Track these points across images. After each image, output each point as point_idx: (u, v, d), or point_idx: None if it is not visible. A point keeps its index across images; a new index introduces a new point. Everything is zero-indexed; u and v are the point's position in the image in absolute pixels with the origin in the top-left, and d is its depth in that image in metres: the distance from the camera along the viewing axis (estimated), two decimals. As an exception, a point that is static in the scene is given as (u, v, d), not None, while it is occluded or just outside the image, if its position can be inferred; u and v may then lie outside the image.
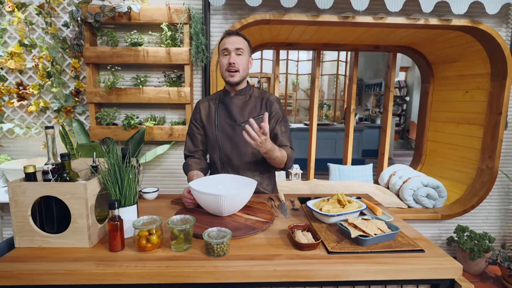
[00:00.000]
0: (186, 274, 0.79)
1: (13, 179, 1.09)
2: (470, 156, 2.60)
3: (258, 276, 0.80)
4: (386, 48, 2.96)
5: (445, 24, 2.19)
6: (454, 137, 2.77)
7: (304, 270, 0.81)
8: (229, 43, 1.33)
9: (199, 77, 2.24)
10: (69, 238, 0.88)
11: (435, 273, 0.83)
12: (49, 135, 0.97)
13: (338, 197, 1.11)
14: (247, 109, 1.37)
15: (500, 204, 2.49)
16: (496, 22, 2.24)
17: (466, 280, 0.83)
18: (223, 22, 2.19)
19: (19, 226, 0.87)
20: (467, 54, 2.53)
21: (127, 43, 2.12)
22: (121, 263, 0.81)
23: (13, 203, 0.86)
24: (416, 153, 3.25)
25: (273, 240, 0.96)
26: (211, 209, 1.07)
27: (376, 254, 0.87)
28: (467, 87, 2.63)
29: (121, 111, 2.28)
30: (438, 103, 2.97)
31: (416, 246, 0.90)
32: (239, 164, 1.37)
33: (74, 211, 0.87)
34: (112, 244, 0.86)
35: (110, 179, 0.92)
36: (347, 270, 0.81)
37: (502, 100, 2.29)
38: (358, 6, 2.03)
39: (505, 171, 2.43)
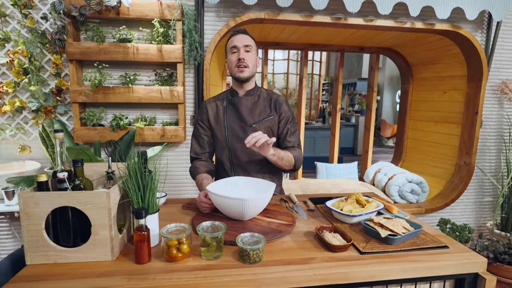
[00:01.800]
0: (225, 283, 0.75)
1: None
2: (448, 153, 2.76)
3: (299, 281, 0.78)
4: (370, 49, 3.06)
5: (429, 28, 2.30)
6: (433, 135, 2.93)
7: (342, 272, 0.80)
8: (237, 40, 1.31)
9: (191, 76, 2.17)
10: (90, 252, 0.81)
11: (462, 268, 0.87)
12: (57, 139, 0.88)
13: (356, 197, 1.12)
14: (257, 110, 1.34)
15: (476, 197, 2.68)
16: (473, 28, 2.40)
17: (488, 274, 0.88)
18: (216, 19, 2.14)
19: (32, 241, 0.79)
20: (445, 57, 2.68)
21: (115, 39, 2.00)
22: (154, 276, 0.76)
23: (24, 216, 0.77)
24: (397, 151, 3.40)
25: (301, 243, 0.95)
26: (233, 213, 1.04)
27: (406, 253, 0.89)
28: (445, 88, 2.79)
29: (108, 111, 2.15)
30: (417, 102, 3.13)
31: (440, 243, 0.94)
32: (249, 165, 1.34)
33: (95, 222, 0.80)
34: (139, 256, 0.81)
35: (132, 186, 0.86)
36: (382, 270, 0.83)
37: (478, 101, 2.45)
38: (351, 8, 2.07)
39: (480, 166, 2.61)
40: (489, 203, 2.70)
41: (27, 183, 1.69)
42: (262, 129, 1.33)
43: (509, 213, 2.47)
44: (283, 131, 1.36)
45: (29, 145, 2.09)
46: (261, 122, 1.33)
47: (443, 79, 2.79)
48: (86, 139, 2.05)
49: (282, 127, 1.36)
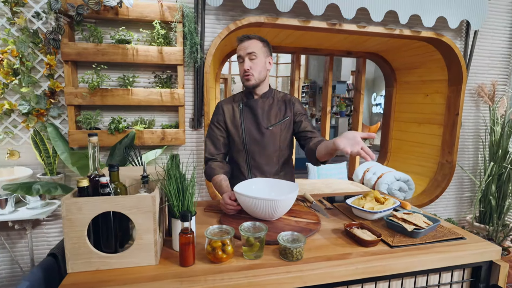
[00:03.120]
0: (274, 281, 0.78)
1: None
2: (431, 152, 2.94)
3: (341, 275, 0.82)
4: (357, 54, 3.19)
5: (415, 35, 2.45)
6: (417, 135, 3.11)
7: (380, 265, 0.85)
8: (241, 49, 1.32)
9: (190, 78, 2.16)
10: (133, 257, 0.80)
11: (480, 257, 0.95)
12: (91, 144, 0.86)
13: (375, 195, 1.19)
14: (273, 112, 1.38)
15: (457, 193, 2.88)
16: (453, 35, 2.58)
17: (502, 261, 0.97)
18: (215, 22, 2.15)
19: (74, 248, 0.76)
20: (428, 62, 2.86)
21: (114, 40, 1.95)
22: (204, 277, 0.76)
23: (67, 223, 0.75)
24: (382, 150, 3.56)
25: (332, 239, 0.99)
26: (262, 214, 1.06)
27: (430, 245, 0.96)
28: (427, 91, 2.97)
29: (104, 114, 2.08)
30: (401, 105, 3.30)
31: (458, 234, 1.02)
32: (267, 167, 1.37)
33: (140, 226, 0.79)
34: (185, 258, 0.81)
35: (173, 189, 0.85)
36: (413, 262, 0.89)
37: (458, 103, 2.64)
38: (347, 15, 2.16)
39: (460, 164, 2.81)
40: (468, 198, 2.91)
41: (24, 190, 1.61)
42: (277, 131, 1.36)
43: (486, 206, 2.68)
44: (300, 126, 1.37)
45: (18, 150, 1.98)
46: (278, 124, 1.36)
47: (425, 83, 2.98)
48: (82, 143, 1.98)
49: (298, 123, 1.37)
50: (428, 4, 2.26)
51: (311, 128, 1.39)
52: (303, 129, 1.38)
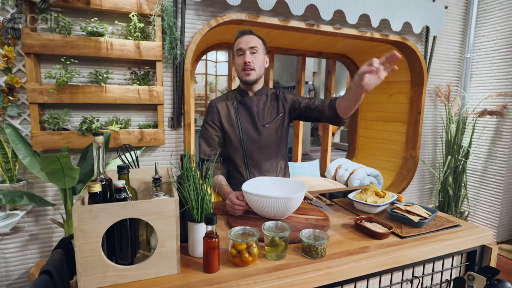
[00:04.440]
0: (306, 280, 0.76)
1: None
2: (396, 148, 3.15)
3: (366, 269, 0.84)
4: (327, 55, 3.30)
5: (384, 38, 2.61)
6: (382, 133, 3.31)
7: (397, 256, 0.89)
8: (243, 42, 1.31)
9: (169, 75, 2.05)
10: (154, 267, 0.73)
11: (475, 242, 1.03)
12: (96, 144, 0.77)
13: (374, 190, 1.23)
14: (267, 110, 1.36)
15: (419, 185, 3.12)
16: (415, 40, 2.79)
17: (492, 244, 1.06)
18: (195, 18, 2.07)
19: (86, 262, 0.67)
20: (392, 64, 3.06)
21: (85, 32, 1.78)
22: (236, 283, 0.72)
23: (79, 234, 0.66)
24: (350, 148, 3.74)
25: (346, 234, 1.01)
26: (274, 212, 1.03)
27: (434, 233, 1.02)
28: (391, 91, 3.18)
29: (72, 113, 1.89)
30: (367, 104, 3.49)
31: (454, 222, 1.10)
32: (265, 165, 1.35)
33: (161, 233, 0.72)
34: (210, 264, 0.76)
35: (193, 192, 0.80)
36: (425, 250, 0.93)
37: (420, 102, 2.87)
38: (325, 16, 2.23)
39: (422, 159, 3.05)
40: (429, 189, 3.17)
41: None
42: (273, 128, 1.35)
43: (445, 196, 2.94)
44: (301, 105, 1.35)
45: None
46: (273, 121, 1.35)
47: (390, 84, 3.18)
48: (48, 145, 1.77)
49: (297, 105, 1.35)
50: (396, 9, 2.42)
51: (309, 99, 1.35)
52: (302, 107, 1.33)
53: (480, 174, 2.96)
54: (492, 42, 2.82)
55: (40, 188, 1.88)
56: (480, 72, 2.92)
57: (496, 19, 2.77)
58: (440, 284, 1.04)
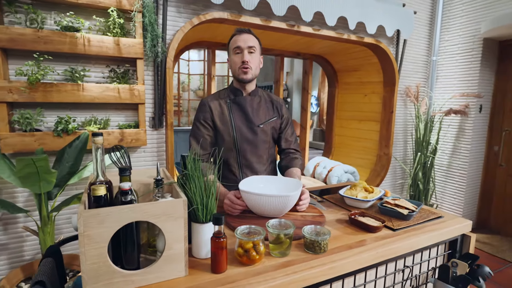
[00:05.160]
0: (313, 275, 0.78)
1: None
2: (370, 146, 3.30)
3: (366, 261, 0.87)
4: (305, 56, 3.38)
5: (360, 40, 2.71)
6: (357, 131, 3.44)
7: (395, 247, 0.94)
8: (241, 40, 1.30)
9: (150, 73, 1.99)
10: (161, 270, 0.71)
11: (457, 231, 1.12)
12: (95, 146, 0.74)
13: (363, 186, 1.28)
14: (261, 111, 1.37)
15: (392, 181, 3.29)
16: (387, 43, 2.94)
17: (471, 233, 1.15)
18: (176, 15, 2.03)
19: (92, 269, 0.64)
20: (366, 65, 3.20)
21: (59, 27, 1.67)
22: (248, 281, 0.72)
23: (85, 240, 0.62)
24: (327, 146, 3.85)
25: (342, 229, 1.04)
26: (272, 211, 1.05)
27: (421, 225, 1.09)
28: (365, 92, 3.32)
29: (46, 113, 1.77)
30: (342, 104, 3.62)
31: (437, 214, 1.18)
32: (257, 165, 1.35)
33: (169, 235, 0.70)
34: (218, 264, 0.75)
35: (199, 193, 0.78)
36: (417, 241, 0.99)
37: (392, 102, 3.02)
38: (306, 18, 2.28)
39: (394, 155, 3.22)
40: (400, 184, 3.35)
41: None
42: (268, 129, 1.36)
43: (415, 190, 3.13)
44: (285, 133, 1.42)
45: None
46: (267, 122, 1.36)
47: (364, 84, 3.32)
48: (19, 147, 1.65)
49: (283, 128, 1.42)
50: (371, 13, 2.53)
51: (290, 136, 1.46)
52: (283, 134, 1.46)
53: (446, 169, 3.18)
54: (455, 46, 3.04)
55: (8, 194, 1.75)
56: (445, 74, 3.14)
57: (459, 25, 2.99)
58: (427, 272, 1.11)
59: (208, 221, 0.80)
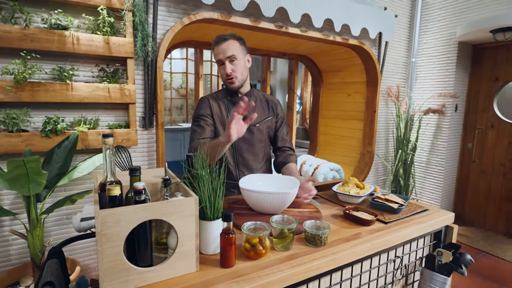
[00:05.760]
0: (316, 267, 0.83)
1: None
2: (354, 144, 3.41)
3: (363, 252, 0.94)
4: (291, 56, 3.44)
5: (344, 42, 2.81)
6: (341, 130, 3.55)
7: (387, 239, 1.00)
8: (220, 53, 1.32)
9: (140, 73, 1.97)
10: (174, 267, 0.73)
11: (441, 223, 1.20)
12: (106, 146, 0.75)
13: (355, 182, 1.35)
14: (257, 111, 1.40)
15: (374, 177, 3.43)
16: (370, 44, 3.05)
17: (454, 224, 1.25)
18: (166, 15, 2.02)
19: (109, 267, 0.66)
20: (350, 66, 3.30)
21: (46, 25, 1.63)
22: (257, 274, 0.76)
23: (102, 239, 0.64)
24: (312, 144, 3.94)
25: (338, 223, 1.10)
26: (272, 208, 1.09)
27: (410, 218, 1.17)
28: (349, 91, 3.43)
29: (32, 113, 1.73)
30: (327, 103, 3.72)
31: (423, 207, 1.26)
32: (253, 163, 1.39)
33: (181, 232, 0.73)
34: (228, 259, 0.78)
35: (207, 191, 0.81)
36: (408, 233, 1.07)
37: (375, 102, 3.15)
38: (294, 19, 2.33)
39: (377, 153, 3.35)
40: (382, 181, 3.49)
41: None
42: (264, 128, 1.40)
43: (397, 186, 3.28)
44: (280, 131, 1.46)
45: None
46: (263, 121, 1.40)
47: (347, 84, 3.43)
48: (5, 149, 1.60)
49: (278, 127, 1.46)
50: (355, 16, 2.62)
51: (285, 135, 1.50)
52: (279, 134, 1.50)
53: (425, 165, 3.35)
54: (432, 48, 3.20)
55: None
56: (424, 75, 3.30)
57: (436, 29, 3.15)
58: (415, 262, 1.19)
59: (215, 218, 0.83)
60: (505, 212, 3.06)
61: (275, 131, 1.48)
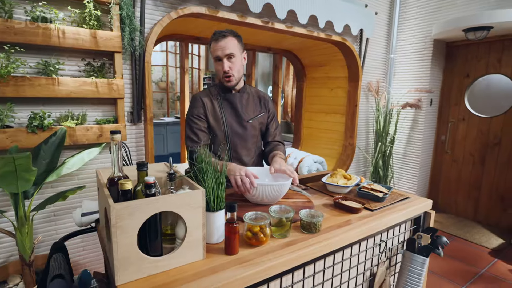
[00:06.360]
0: (312, 251, 0.90)
1: None
2: (336, 137, 3.54)
3: (353, 237, 1.02)
4: (275, 50, 3.49)
5: (328, 38, 2.89)
6: (324, 123, 3.66)
7: (374, 225, 1.09)
8: (218, 49, 1.33)
9: (127, 68, 1.96)
10: (183, 255, 0.78)
11: (421, 209, 1.32)
12: (114, 142, 0.78)
13: (342, 174, 1.44)
14: (250, 107, 1.45)
15: (356, 168, 3.58)
16: (352, 41, 3.16)
17: (431, 211, 1.36)
18: (153, 8, 2.01)
19: (124, 257, 0.69)
20: (332, 61, 3.40)
21: (30, 17, 1.59)
22: (260, 259, 0.82)
23: (118, 231, 0.67)
24: (296, 137, 4.04)
25: (329, 211, 1.18)
26: (268, 198, 1.14)
27: (393, 205, 1.27)
28: (331, 86, 3.54)
29: (17, 108, 1.68)
30: (310, 97, 3.81)
31: (404, 195, 1.37)
32: (246, 158, 1.44)
33: (190, 223, 0.77)
34: (232, 247, 0.84)
35: (211, 183, 0.86)
36: (392, 218, 1.16)
37: (356, 96, 3.27)
38: (280, 15, 2.38)
39: (358, 145, 3.49)
40: (363, 172, 3.65)
41: None
42: (256, 124, 1.45)
43: (376, 177, 3.44)
44: (271, 127, 1.52)
45: None
46: (256, 118, 1.45)
47: (330, 79, 3.53)
48: (-12, 145, 1.56)
49: (269, 122, 1.52)
50: (339, 13, 2.70)
51: (274, 129, 1.56)
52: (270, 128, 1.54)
53: (402, 157, 3.54)
54: (409, 45, 3.35)
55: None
56: (401, 70, 3.45)
57: (413, 27, 3.30)
58: (397, 245, 1.29)
59: (218, 209, 0.88)
60: (473, 199, 3.30)
61: (266, 126, 1.53)
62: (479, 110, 3.21)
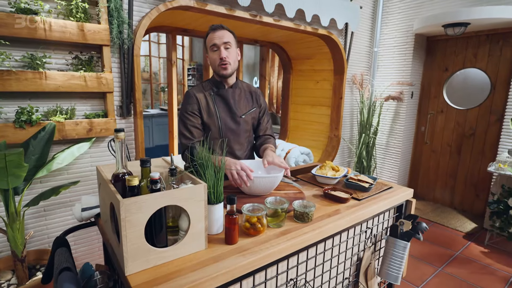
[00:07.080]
0: (307, 239, 0.97)
1: None
2: (322, 129, 3.63)
3: (344, 225, 1.10)
4: (262, 43, 3.51)
5: (315, 32, 2.94)
6: (310, 115, 3.75)
7: (361, 213, 1.17)
8: (216, 38, 1.38)
9: (116, 61, 1.94)
10: (187, 246, 0.82)
11: (403, 198, 1.41)
12: (118, 139, 0.80)
13: (331, 166, 1.51)
14: (242, 102, 1.49)
15: (341, 159, 3.69)
16: (338, 34, 3.22)
17: (413, 199, 1.46)
18: (141, 1, 1.99)
19: (133, 249, 0.73)
20: (318, 54, 3.46)
21: (13, 9, 1.55)
22: (259, 247, 0.88)
23: (127, 225, 0.71)
24: (282, 129, 4.10)
25: (319, 202, 1.25)
26: (261, 190, 1.20)
27: (378, 195, 1.36)
28: (317, 79, 3.61)
29: (1, 103, 1.65)
30: (296, 90, 3.87)
31: (388, 185, 1.46)
32: (238, 152, 1.49)
33: (193, 215, 0.82)
34: (232, 237, 0.89)
35: (211, 177, 0.90)
36: (377, 207, 1.25)
37: (341, 89, 3.35)
38: (268, 9, 2.40)
39: (343, 137, 3.60)
40: (347, 162, 3.78)
41: None
42: (249, 119, 1.49)
43: (360, 167, 3.57)
44: (263, 121, 1.56)
45: None
46: (248, 113, 1.49)
47: (316, 72, 3.59)
48: (-24, 141, 1.52)
49: (261, 116, 1.56)
50: (325, 7, 2.75)
51: (266, 123, 1.60)
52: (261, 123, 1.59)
53: (385, 147, 3.68)
54: (392, 39, 3.45)
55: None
56: (384, 64, 3.56)
57: (395, 21, 3.40)
58: (382, 231, 1.39)
59: (218, 202, 0.93)
60: (449, 187, 3.50)
61: (258, 120, 1.58)
62: (457, 103, 3.38)
